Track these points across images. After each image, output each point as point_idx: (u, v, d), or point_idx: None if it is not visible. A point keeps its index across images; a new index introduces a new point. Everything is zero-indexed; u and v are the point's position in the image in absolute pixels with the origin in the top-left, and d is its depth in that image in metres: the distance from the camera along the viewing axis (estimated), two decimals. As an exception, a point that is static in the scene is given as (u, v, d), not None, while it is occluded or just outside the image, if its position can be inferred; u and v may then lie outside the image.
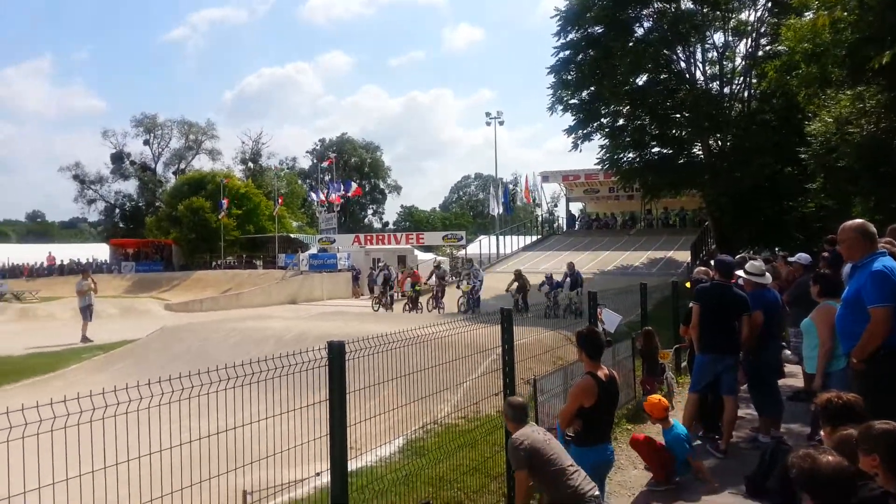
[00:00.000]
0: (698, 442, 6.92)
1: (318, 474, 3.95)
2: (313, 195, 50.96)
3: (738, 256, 9.63)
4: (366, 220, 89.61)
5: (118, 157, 72.18)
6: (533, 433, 4.18)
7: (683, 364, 9.85)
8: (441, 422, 6.71)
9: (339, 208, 46.86)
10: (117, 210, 74.21)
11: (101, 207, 74.52)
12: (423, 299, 22.42)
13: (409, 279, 23.14)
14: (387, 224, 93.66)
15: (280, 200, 49.73)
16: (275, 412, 3.73)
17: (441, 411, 6.72)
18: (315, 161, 78.86)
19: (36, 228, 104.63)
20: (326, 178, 48.77)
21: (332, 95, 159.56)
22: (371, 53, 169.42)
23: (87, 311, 18.06)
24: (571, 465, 4.02)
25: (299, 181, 79.62)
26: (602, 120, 27.15)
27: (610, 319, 8.25)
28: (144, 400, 2.96)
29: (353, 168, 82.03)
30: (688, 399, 7.06)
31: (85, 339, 17.22)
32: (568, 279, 18.56)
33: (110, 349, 14.23)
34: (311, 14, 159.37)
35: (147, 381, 3.02)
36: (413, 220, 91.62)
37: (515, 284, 19.33)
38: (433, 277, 22.36)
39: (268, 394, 3.55)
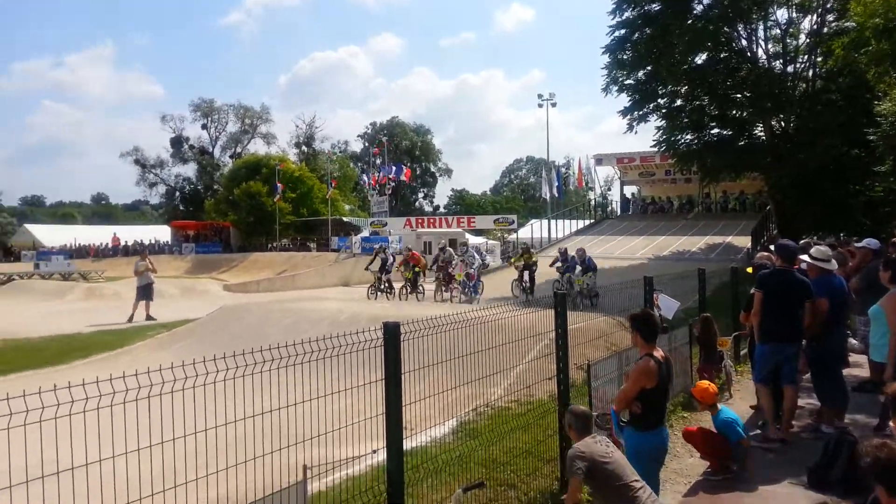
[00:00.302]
0: (758, 431, 6.77)
1: (374, 451, 4.03)
2: (365, 178, 51.51)
3: (801, 242, 9.33)
4: (417, 203, 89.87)
5: (177, 142, 74.36)
6: (594, 445, 4.01)
7: (743, 352, 9.61)
8: (493, 405, 6.74)
9: (390, 191, 47.15)
10: (177, 193, 76.63)
11: (161, 191, 77.20)
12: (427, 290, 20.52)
13: (407, 261, 20.61)
14: (437, 207, 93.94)
15: (333, 184, 50.47)
16: (331, 391, 3.81)
17: (493, 394, 6.75)
18: (366, 144, 79.60)
19: (100, 210, 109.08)
20: (378, 161, 49.05)
21: (383, 78, 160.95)
22: (421, 35, 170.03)
23: (143, 291, 18.59)
24: (636, 481, 3.88)
25: (351, 164, 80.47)
26: (659, 100, 26.39)
27: (667, 305, 8.12)
28: (209, 376, 3.06)
29: (404, 151, 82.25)
30: (757, 390, 6.90)
31: (148, 317, 17.85)
32: (578, 266, 16.98)
33: (173, 327, 14.73)
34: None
35: (213, 356, 3.12)
36: (464, 204, 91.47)
37: (522, 261, 19.08)
38: (439, 261, 20.06)
39: (325, 373, 3.62)
